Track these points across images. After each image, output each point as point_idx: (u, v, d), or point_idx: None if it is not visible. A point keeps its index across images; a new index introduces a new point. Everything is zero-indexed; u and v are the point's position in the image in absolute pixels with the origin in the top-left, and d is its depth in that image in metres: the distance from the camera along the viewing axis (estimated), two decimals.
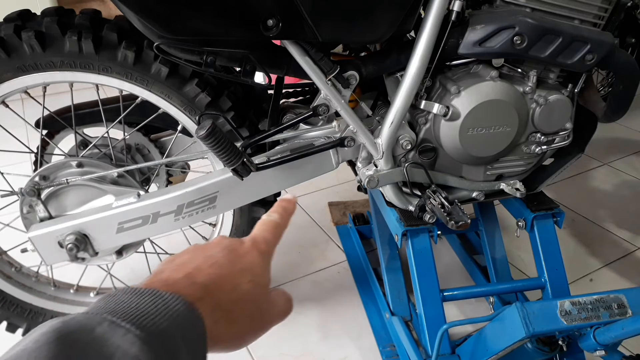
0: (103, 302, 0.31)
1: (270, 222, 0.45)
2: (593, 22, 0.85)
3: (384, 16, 0.78)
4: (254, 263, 0.39)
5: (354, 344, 1.17)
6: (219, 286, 0.36)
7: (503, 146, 0.91)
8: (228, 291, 0.36)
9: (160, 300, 0.31)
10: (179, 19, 0.70)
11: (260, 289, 0.39)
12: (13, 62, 0.84)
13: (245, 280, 0.38)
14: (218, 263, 0.37)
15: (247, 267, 0.38)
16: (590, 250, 1.49)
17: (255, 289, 0.38)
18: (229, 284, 0.37)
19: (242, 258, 0.39)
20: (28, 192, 0.91)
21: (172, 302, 0.32)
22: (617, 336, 0.77)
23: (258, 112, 1.00)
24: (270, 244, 0.43)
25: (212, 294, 0.35)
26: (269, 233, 0.43)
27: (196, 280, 0.35)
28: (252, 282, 0.38)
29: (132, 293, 0.32)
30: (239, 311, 0.37)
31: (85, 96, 1.03)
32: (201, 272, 0.36)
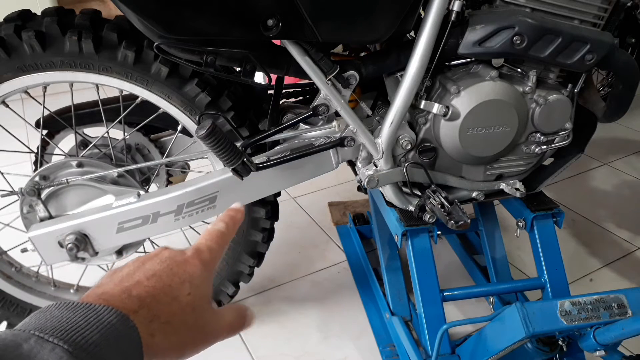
0: (34, 318, 0.31)
1: (215, 230, 0.44)
2: (593, 22, 0.85)
3: (383, 16, 0.78)
4: (194, 274, 0.39)
5: (354, 344, 1.17)
6: (157, 298, 0.36)
7: (503, 146, 0.91)
8: (166, 303, 0.36)
9: (93, 313, 0.32)
10: (179, 19, 0.70)
11: (201, 300, 0.39)
12: (13, 62, 0.84)
13: (184, 292, 0.38)
14: (156, 275, 0.37)
15: (186, 278, 0.38)
16: (590, 250, 1.49)
17: (195, 300, 0.38)
18: (166, 296, 0.37)
19: (182, 269, 0.39)
20: (28, 192, 0.91)
21: (105, 315, 0.32)
22: (617, 336, 0.77)
23: (258, 112, 1.00)
24: (214, 252, 0.43)
25: (149, 306, 0.35)
26: (213, 242, 0.43)
27: (132, 293, 0.35)
28: (192, 294, 0.38)
29: (64, 307, 0.32)
30: (178, 323, 0.37)
31: (85, 96, 1.03)
32: (138, 285, 0.36)
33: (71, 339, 0.29)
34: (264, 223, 1.05)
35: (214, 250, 0.43)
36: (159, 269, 0.38)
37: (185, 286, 0.38)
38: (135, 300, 0.35)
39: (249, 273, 1.14)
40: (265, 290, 1.33)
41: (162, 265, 0.39)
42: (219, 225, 0.45)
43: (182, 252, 0.41)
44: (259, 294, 1.31)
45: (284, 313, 1.26)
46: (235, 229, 0.47)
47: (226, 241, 0.45)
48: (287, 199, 1.69)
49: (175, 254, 0.40)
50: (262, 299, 1.30)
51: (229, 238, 0.45)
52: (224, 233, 0.45)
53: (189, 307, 0.37)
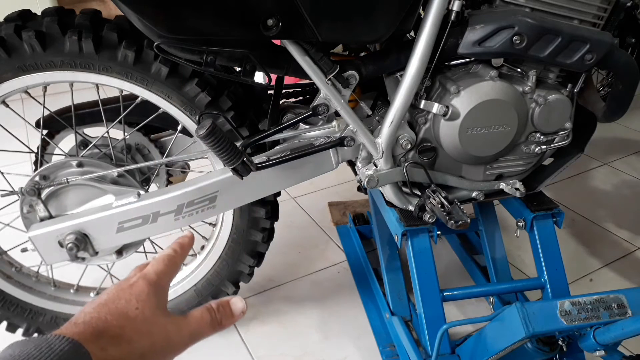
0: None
1: (162, 255, 0.49)
2: (592, 22, 0.85)
3: (383, 16, 0.78)
4: (140, 292, 0.42)
5: (354, 344, 1.17)
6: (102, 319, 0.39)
7: (502, 146, 0.91)
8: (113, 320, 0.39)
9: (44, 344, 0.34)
10: (179, 19, 0.70)
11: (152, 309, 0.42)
12: (13, 62, 0.84)
13: (132, 308, 0.41)
14: (102, 304, 0.41)
15: (132, 297, 0.42)
16: (590, 250, 1.49)
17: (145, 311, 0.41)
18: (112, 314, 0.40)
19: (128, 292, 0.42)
20: (28, 192, 0.91)
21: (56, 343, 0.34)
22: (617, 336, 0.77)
23: (258, 112, 1.00)
24: (162, 273, 0.46)
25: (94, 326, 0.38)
26: (160, 265, 0.47)
27: (78, 322, 0.39)
28: (140, 307, 0.41)
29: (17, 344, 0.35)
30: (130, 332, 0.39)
31: (85, 96, 1.04)
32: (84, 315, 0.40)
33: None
34: (264, 223, 1.05)
35: (160, 272, 0.46)
36: (104, 298, 0.42)
37: (132, 303, 0.41)
38: (81, 325, 0.38)
39: (249, 273, 1.14)
40: (265, 290, 1.33)
41: (109, 295, 0.42)
42: (167, 250, 0.50)
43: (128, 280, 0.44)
44: (259, 294, 1.31)
45: (284, 313, 1.26)
46: (185, 253, 0.51)
47: (175, 263, 0.49)
48: (287, 199, 1.69)
49: (121, 284, 0.44)
50: (262, 299, 1.30)
51: (178, 260, 0.50)
52: (171, 256, 0.49)
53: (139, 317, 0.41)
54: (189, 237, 0.54)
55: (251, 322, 1.23)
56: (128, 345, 0.39)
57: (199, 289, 1.12)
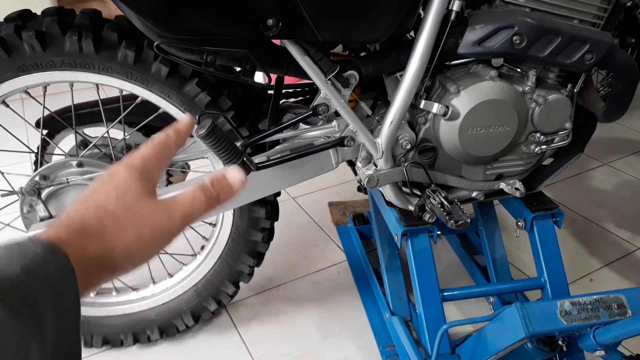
0: None
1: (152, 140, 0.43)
2: (592, 22, 0.85)
3: (383, 16, 0.78)
4: (121, 179, 0.38)
5: (354, 344, 1.17)
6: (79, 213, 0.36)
7: (502, 146, 0.91)
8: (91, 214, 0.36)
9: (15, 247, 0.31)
10: (179, 19, 0.70)
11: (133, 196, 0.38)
12: (13, 62, 0.84)
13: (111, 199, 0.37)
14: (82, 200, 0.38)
15: (112, 187, 0.38)
16: (590, 250, 1.49)
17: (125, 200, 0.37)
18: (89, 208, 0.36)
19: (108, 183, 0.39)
20: (28, 192, 0.91)
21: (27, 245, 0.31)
22: (617, 336, 0.77)
23: (258, 112, 1.00)
24: (148, 157, 0.41)
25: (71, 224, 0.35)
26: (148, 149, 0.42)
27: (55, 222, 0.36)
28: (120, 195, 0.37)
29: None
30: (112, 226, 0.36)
31: (85, 96, 1.04)
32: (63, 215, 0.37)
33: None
34: (264, 223, 1.05)
35: (146, 155, 0.41)
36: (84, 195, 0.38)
37: (111, 194, 0.38)
38: (57, 226, 0.35)
39: (249, 273, 1.14)
40: (265, 290, 1.33)
41: (88, 191, 0.39)
42: (159, 135, 0.44)
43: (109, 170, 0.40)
44: (259, 294, 1.31)
45: (284, 313, 1.26)
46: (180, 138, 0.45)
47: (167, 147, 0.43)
48: (287, 199, 1.69)
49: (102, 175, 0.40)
50: (262, 299, 1.30)
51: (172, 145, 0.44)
52: (163, 141, 0.43)
53: (119, 208, 0.37)
54: (188, 121, 0.47)
55: (251, 322, 1.23)
56: (110, 239, 0.36)
57: (199, 289, 1.12)
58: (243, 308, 1.27)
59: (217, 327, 1.20)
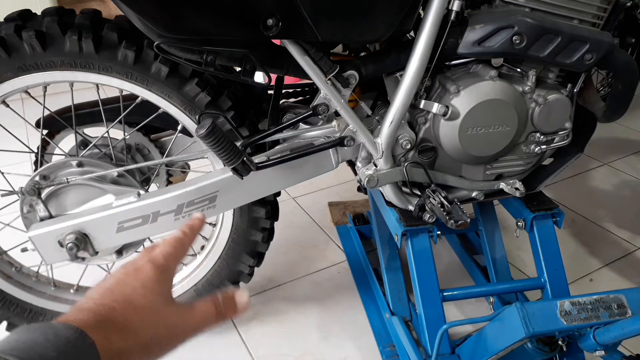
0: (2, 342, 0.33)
1: (171, 238, 0.48)
2: (592, 22, 0.85)
3: (383, 16, 0.78)
4: (147, 278, 0.42)
5: (354, 344, 1.17)
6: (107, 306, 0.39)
7: (502, 146, 0.91)
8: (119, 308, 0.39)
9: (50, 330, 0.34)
10: (179, 19, 0.70)
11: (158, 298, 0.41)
12: (13, 62, 0.84)
13: (137, 295, 0.40)
14: (109, 290, 0.40)
15: (138, 284, 0.41)
16: (590, 250, 1.49)
17: (151, 300, 0.40)
18: (118, 303, 0.39)
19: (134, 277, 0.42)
20: (28, 192, 0.91)
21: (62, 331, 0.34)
22: (617, 336, 0.77)
23: (258, 112, 1.00)
24: (170, 257, 0.45)
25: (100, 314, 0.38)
26: (169, 247, 0.46)
27: (84, 308, 0.38)
28: (146, 295, 0.40)
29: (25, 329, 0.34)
30: (137, 323, 0.39)
31: (85, 96, 1.04)
32: (90, 301, 0.39)
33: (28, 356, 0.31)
34: (264, 223, 1.05)
35: (169, 255, 0.45)
36: (110, 284, 0.41)
37: (138, 290, 0.41)
38: (86, 312, 0.38)
39: (249, 273, 1.14)
40: (265, 290, 1.33)
41: (115, 280, 0.41)
42: (176, 233, 0.49)
43: (134, 264, 0.44)
44: (259, 294, 1.31)
45: (284, 313, 1.26)
46: (194, 235, 0.50)
47: (183, 245, 0.48)
48: (287, 199, 1.69)
49: (129, 267, 0.43)
50: (262, 299, 1.30)
51: (187, 243, 0.48)
52: (180, 239, 0.48)
53: (145, 307, 0.40)
54: (200, 219, 0.52)
55: (251, 322, 1.23)
56: (133, 335, 0.38)
57: (199, 289, 1.12)
58: None
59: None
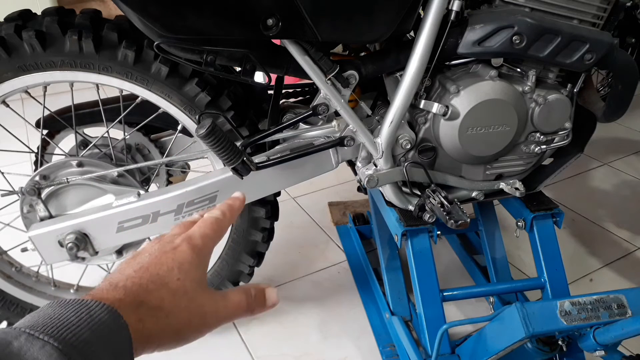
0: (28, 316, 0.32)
1: (210, 217, 0.45)
2: (592, 21, 0.85)
3: (383, 16, 0.78)
4: (184, 260, 0.40)
5: (354, 344, 1.17)
6: (143, 286, 0.37)
7: (502, 146, 0.91)
8: (154, 289, 0.37)
9: (84, 309, 0.32)
10: (179, 18, 0.70)
11: (193, 283, 0.39)
12: (14, 62, 0.84)
13: (173, 278, 0.38)
14: (144, 267, 0.39)
15: (175, 265, 0.39)
16: (590, 250, 1.49)
17: (186, 284, 0.39)
18: (154, 284, 0.38)
19: (171, 257, 0.40)
20: (28, 192, 0.91)
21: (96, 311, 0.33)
22: (617, 336, 0.77)
23: (258, 112, 1.00)
24: (208, 238, 0.43)
25: (135, 294, 0.36)
26: (208, 229, 0.44)
27: (118, 285, 0.37)
28: (182, 278, 0.39)
29: (57, 305, 0.33)
30: (170, 306, 0.37)
31: (85, 96, 1.04)
32: (124, 277, 0.38)
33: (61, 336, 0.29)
34: (264, 223, 1.06)
35: (206, 236, 0.43)
36: (146, 261, 0.39)
37: (174, 272, 0.39)
38: (121, 290, 0.36)
39: (249, 273, 1.14)
40: None
41: (151, 257, 0.40)
42: (215, 212, 0.46)
43: (171, 241, 0.41)
44: None
45: (284, 313, 1.26)
46: (233, 217, 0.47)
47: (222, 228, 0.45)
48: (287, 199, 1.69)
49: (164, 244, 0.41)
50: None
51: (226, 225, 0.46)
52: (219, 220, 0.45)
53: (180, 290, 0.38)
54: (241, 199, 0.49)
55: (251, 322, 1.23)
56: (165, 318, 0.37)
57: None
58: None
59: None
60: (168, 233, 0.44)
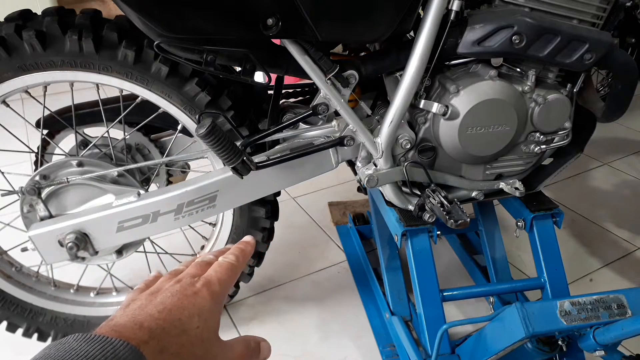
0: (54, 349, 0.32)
1: (226, 263, 0.46)
2: (591, 21, 0.85)
3: (383, 16, 0.78)
4: (204, 307, 0.41)
5: (354, 344, 1.17)
6: (166, 331, 0.37)
7: (502, 145, 0.91)
8: (175, 335, 0.38)
9: (109, 347, 0.33)
10: (179, 18, 0.70)
11: (209, 332, 0.40)
12: (14, 62, 0.84)
13: (193, 325, 0.39)
14: (167, 309, 0.39)
15: (195, 311, 0.40)
16: (590, 250, 1.49)
17: (203, 333, 0.39)
18: (176, 329, 0.38)
19: (192, 302, 0.40)
20: (28, 191, 0.91)
21: (121, 350, 0.33)
22: (617, 336, 0.77)
23: (258, 112, 1.00)
24: (224, 284, 0.44)
25: (159, 338, 0.36)
26: (224, 274, 0.45)
27: (143, 325, 0.37)
28: (200, 327, 0.39)
29: (82, 340, 0.33)
30: (187, 354, 0.38)
31: (85, 96, 1.04)
32: (150, 318, 0.38)
33: None
34: (264, 222, 1.06)
35: (223, 282, 0.44)
36: (169, 302, 0.40)
37: (194, 320, 0.39)
38: (146, 331, 0.36)
39: (249, 273, 1.14)
40: (265, 290, 1.33)
41: (173, 299, 0.40)
42: (230, 257, 0.47)
43: (192, 284, 0.42)
44: (259, 294, 1.31)
45: (284, 313, 1.26)
46: (246, 262, 0.49)
47: (236, 274, 0.46)
48: (287, 199, 1.69)
49: (186, 287, 0.42)
50: (262, 299, 1.30)
51: (239, 270, 0.47)
52: (234, 265, 0.46)
53: (197, 339, 0.39)
54: (252, 244, 0.51)
55: (251, 322, 1.23)
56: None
57: None
58: (243, 308, 1.27)
59: None
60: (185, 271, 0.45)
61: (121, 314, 0.39)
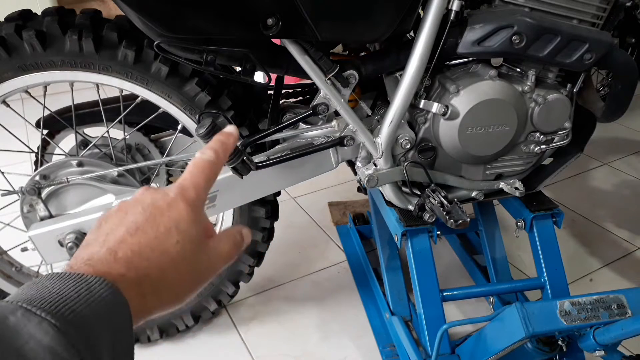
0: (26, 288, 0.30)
1: (202, 161, 0.40)
2: (591, 21, 0.85)
3: (383, 16, 0.78)
4: (180, 218, 0.36)
5: (354, 344, 1.17)
6: (144, 255, 0.34)
7: (502, 145, 0.91)
8: (154, 258, 0.35)
9: (84, 285, 0.30)
10: (179, 18, 0.71)
11: (191, 244, 0.37)
12: (14, 62, 0.84)
13: (172, 241, 0.35)
14: (140, 229, 0.35)
15: (172, 224, 0.36)
16: (590, 250, 1.49)
17: (185, 246, 0.36)
18: (154, 251, 0.35)
19: (167, 215, 0.36)
20: (29, 191, 0.91)
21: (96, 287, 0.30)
22: (617, 336, 0.77)
23: (258, 111, 1.00)
24: (201, 188, 0.39)
25: (137, 267, 0.34)
26: (200, 177, 0.39)
27: (118, 255, 0.34)
28: (180, 241, 0.36)
29: (55, 278, 0.31)
30: (171, 275, 0.35)
31: (85, 96, 1.04)
32: (123, 244, 0.34)
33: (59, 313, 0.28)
34: (264, 222, 1.06)
35: (199, 187, 0.39)
36: (141, 220, 0.36)
37: (172, 234, 0.36)
38: (122, 262, 0.33)
39: (249, 273, 1.14)
40: (265, 290, 1.33)
41: (145, 215, 0.36)
42: (207, 154, 0.40)
43: (164, 194, 0.38)
44: (259, 294, 1.31)
45: (284, 313, 1.26)
46: (226, 156, 0.42)
47: (215, 172, 0.40)
48: (287, 199, 1.69)
49: (158, 198, 0.37)
50: (262, 299, 1.30)
51: (219, 168, 0.41)
52: (212, 163, 0.40)
53: (179, 256, 0.36)
54: (235, 135, 0.43)
55: (251, 322, 1.23)
56: (166, 290, 0.35)
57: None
58: (243, 308, 1.27)
59: (217, 327, 1.20)
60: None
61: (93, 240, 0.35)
